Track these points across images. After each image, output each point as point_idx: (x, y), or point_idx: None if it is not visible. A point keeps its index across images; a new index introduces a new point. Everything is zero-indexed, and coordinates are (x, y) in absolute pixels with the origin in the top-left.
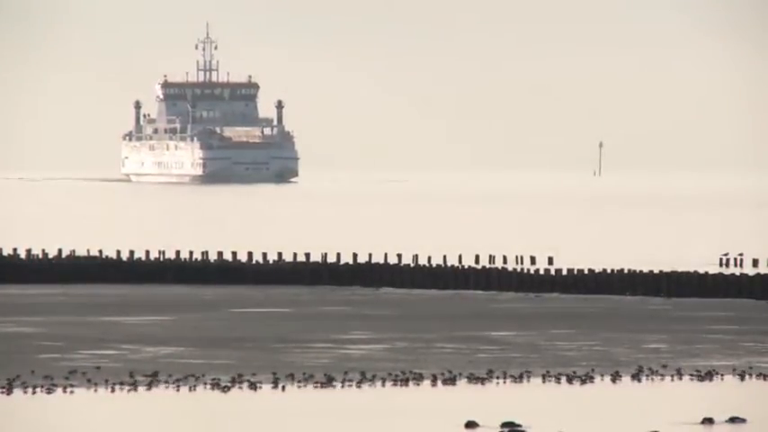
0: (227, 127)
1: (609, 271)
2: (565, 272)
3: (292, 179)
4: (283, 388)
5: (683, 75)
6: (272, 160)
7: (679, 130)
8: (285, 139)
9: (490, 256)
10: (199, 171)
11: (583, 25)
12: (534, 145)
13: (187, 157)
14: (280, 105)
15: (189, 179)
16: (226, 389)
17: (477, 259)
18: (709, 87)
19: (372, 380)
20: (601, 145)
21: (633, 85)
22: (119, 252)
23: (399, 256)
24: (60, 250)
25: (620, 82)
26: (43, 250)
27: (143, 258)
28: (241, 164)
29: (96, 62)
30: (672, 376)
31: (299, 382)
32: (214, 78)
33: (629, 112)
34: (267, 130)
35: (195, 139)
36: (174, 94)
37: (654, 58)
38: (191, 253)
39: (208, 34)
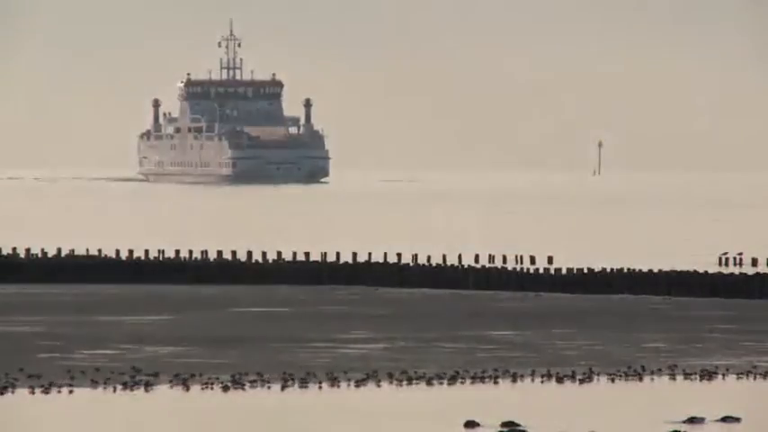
0: (250, 126)
1: (609, 271)
2: (565, 272)
3: (323, 179)
4: (283, 387)
5: (683, 75)
6: (302, 160)
7: (679, 130)
8: (315, 139)
9: (490, 255)
10: (226, 171)
11: (583, 25)
12: (534, 145)
13: (213, 156)
14: (308, 104)
15: (215, 179)
16: (226, 388)
17: (476, 259)
18: (709, 87)
19: (372, 380)
20: (600, 145)
21: (633, 85)
22: (118, 252)
23: (399, 255)
24: (60, 250)
25: (620, 82)
26: (42, 249)
27: (143, 258)
28: (272, 164)
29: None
30: (671, 376)
31: (298, 381)
32: (237, 77)
33: (629, 112)
34: (292, 129)
35: (224, 138)
36: (198, 92)
37: (653, 57)
38: (190, 252)
39: (231, 32)
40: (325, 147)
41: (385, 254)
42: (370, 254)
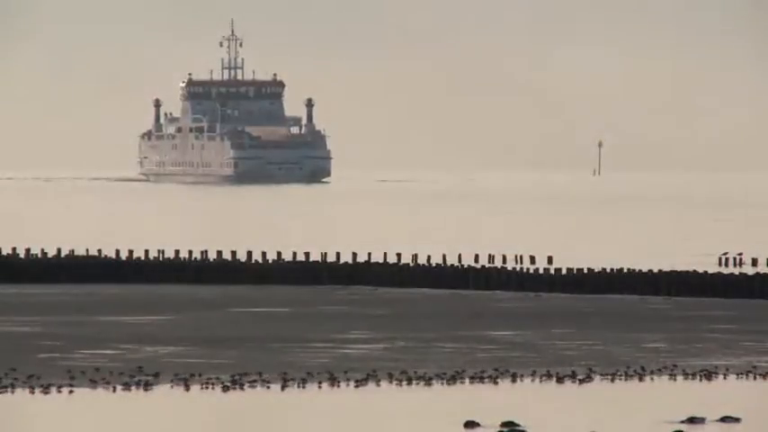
0: (251, 126)
1: (609, 271)
2: (565, 272)
3: (325, 179)
4: (283, 387)
5: (683, 74)
6: (304, 160)
7: (678, 130)
8: (317, 139)
9: (490, 255)
10: (228, 171)
11: (583, 25)
12: (534, 145)
13: (214, 156)
14: (309, 104)
15: (216, 179)
16: (225, 388)
17: (476, 259)
18: (709, 87)
19: (372, 380)
20: (600, 145)
21: (633, 85)
22: (118, 252)
23: (399, 255)
24: (59, 250)
25: (620, 82)
26: (42, 250)
27: (142, 258)
28: (274, 164)
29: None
30: (671, 376)
31: (298, 381)
32: (239, 77)
33: (629, 112)
34: (294, 129)
35: (225, 138)
36: (199, 92)
37: (654, 57)
38: (190, 252)
39: (233, 31)
40: (326, 147)
41: (385, 254)
42: (369, 254)
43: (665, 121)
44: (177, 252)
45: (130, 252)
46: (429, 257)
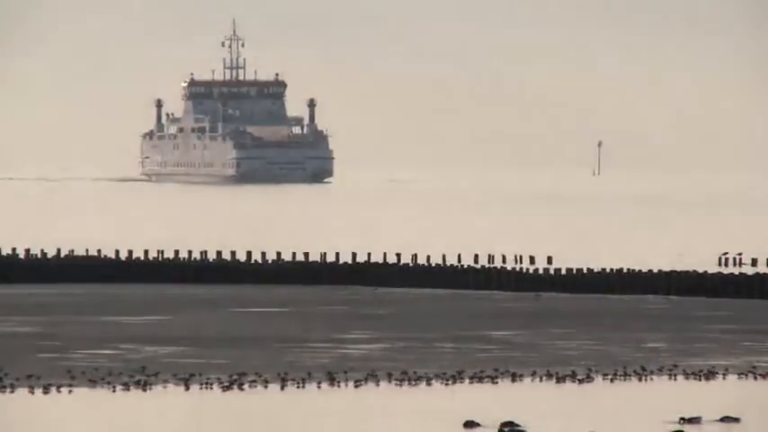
0: (253, 126)
1: (609, 271)
2: (564, 272)
3: (327, 179)
4: (283, 387)
5: (683, 74)
6: (306, 160)
7: (678, 130)
8: (319, 139)
9: (489, 255)
10: (230, 171)
11: (582, 24)
12: (533, 144)
13: (216, 156)
14: (311, 104)
15: (218, 179)
16: (225, 388)
17: (476, 259)
18: (708, 87)
19: (372, 380)
20: (600, 144)
21: (633, 84)
22: (118, 252)
23: (398, 255)
24: (59, 250)
25: (620, 82)
26: (42, 250)
27: (142, 258)
28: (276, 164)
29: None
30: (671, 376)
31: (298, 381)
32: (241, 77)
33: (629, 112)
34: (296, 129)
35: (227, 138)
36: (201, 92)
37: (653, 57)
38: (190, 252)
39: (234, 32)
40: (329, 147)
41: (385, 254)
42: (369, 254)
43: (664, 121)
44: (177, 252)
45: (130, 252)
46: (429, 257)
